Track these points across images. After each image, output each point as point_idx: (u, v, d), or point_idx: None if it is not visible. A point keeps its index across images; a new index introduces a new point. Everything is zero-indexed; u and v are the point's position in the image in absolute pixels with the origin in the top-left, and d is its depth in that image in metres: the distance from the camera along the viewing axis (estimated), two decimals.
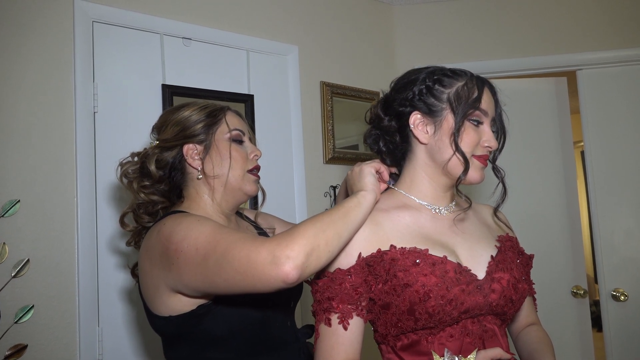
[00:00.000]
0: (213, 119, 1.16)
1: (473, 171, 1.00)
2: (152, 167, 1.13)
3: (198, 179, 1.15)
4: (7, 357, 1.38)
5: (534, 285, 1.12)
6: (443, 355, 0.91)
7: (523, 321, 1.14)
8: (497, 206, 1.10)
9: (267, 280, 0.84)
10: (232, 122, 1.18)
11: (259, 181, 1.22)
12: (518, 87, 2.53)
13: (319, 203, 2.17)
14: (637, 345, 2.26)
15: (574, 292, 2.39)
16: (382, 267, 0.93)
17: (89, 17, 1.62)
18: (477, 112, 0.99)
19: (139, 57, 1.73)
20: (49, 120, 1.52)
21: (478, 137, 1.00)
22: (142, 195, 1.14)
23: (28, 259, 1.45)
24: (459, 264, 0.95)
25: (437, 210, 1.04)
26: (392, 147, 1.09)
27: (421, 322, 0.91)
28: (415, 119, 1.02)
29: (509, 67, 2.48)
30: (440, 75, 1.01)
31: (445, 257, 0.95)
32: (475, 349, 0.92)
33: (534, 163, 2.49)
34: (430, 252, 0.95)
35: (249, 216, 1.35)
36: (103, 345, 1.55)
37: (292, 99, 2.13)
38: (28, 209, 1.46)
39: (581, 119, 2.41)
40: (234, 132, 1.17)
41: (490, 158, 1.05)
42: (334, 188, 2.23)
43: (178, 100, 1.72)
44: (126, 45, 1.71)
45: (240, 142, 1.19)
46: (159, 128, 1.19)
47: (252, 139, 1.24)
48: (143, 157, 1.15)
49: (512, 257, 1.03)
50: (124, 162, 1.17)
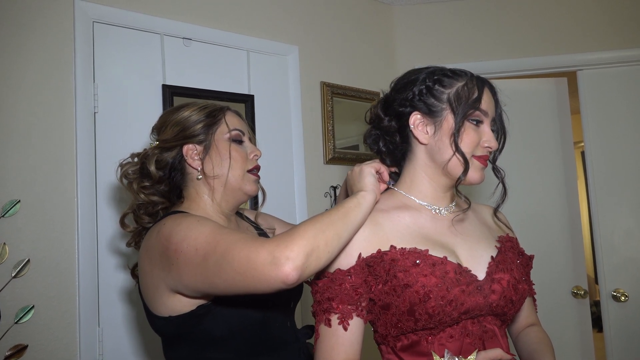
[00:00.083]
0: (213, 119, 1.16)
1: (473, 171, 0.99)
2: (152, 168, 1.13)
3: (198, 179, 1.15)
4: (8, 358, 1.38)
5: (534, 286, 1.12)
6: (443, 356, 0.91)
7: (523, 322, 1.13)
8: (497, 206, 1.10)
9: (267, 281, 0.84)
10: (231, 122, 1.18)
11: (259, 181, 1.22)
12: (518, 87, 2.53)
13: (319, 203, 2.17)
14: (638, 346, 2.26)
15: (574, 292, 2.39)
16: (382, 267, 0.93)
17: (89, 17, 1.62)
18: (477, 112, 0.98)
19: (140, 57, 1.73)
20: (49, 120, 1.52)
21: (478, 138, 1.00)
22: (142, 196, 1.14)
23: (28, 259, 1.45)
24: (459, 265, 0.95)
25: (437, 210, 1.04)
26: (392, 148, 1.09)
27: (421, 323, 0.91)
28: (415, 119, 1.02)
29: (509, 67, 2.48)
30: (440, 76, 1.01)
31: (446, 257, 0.95)
32: (476, 350, 0.92)
33: (534, 163, 2.49)
34: (430, 252, 0.95)
35: (249, 216, 1.35)
36: (103, 345, 1.55)
37: (292, 99, 2.13)
38: (28, 210, 1.46)
39: (581, 119, 2.41)
40: (234, 132, 1.17)
41: (491, 158, 1.05)
42: (335, 188, 2.23)
43: (178, 101, 1.72)
44: (126, 45, 1.71)
45: (240, 142, 1.19)
46: (158, 129, 1.19)
47: (252, 139, 1.24)
48: (143, 157, 1.15)
49: (512, 257, 1.03)
50: (123, 163, 1.17)
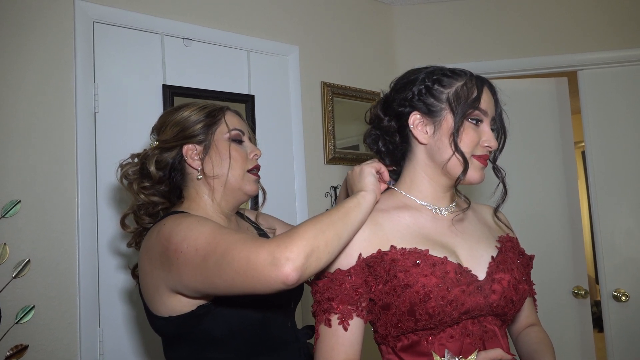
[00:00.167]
0: (212, 119, 1.16)
1: (473, 171, 0.99)
2: (152, 168, 1.12)
3: (198, 179, 1.15)
4: (8, 358, 1.38)
5: (534, 286, 1.12)
6: (443, 356, 0.91)
7: (523, 322, 1.13)
8: (498, 206, 1.09)
9: (267, 282, 0.84)
10: (231, 122, 1.18)
11: (259, 181, 1.21)
12: (518, 87, 2.53)
13: (320, 203, 2.17)
14: (638, 346, 2.26)
15: (574, 292, 2.39)
16: (382, 267, 0.93)
17: (89, 17, 1.62)
18: (476, 111, 0.98)
19: (140, 57, 1.73)
20: (49, 120, 1.52)
21: (478, 137, 0.99)
22: (143, 196, 1.14)
23: (29, 260, 1.45)
24: (460, 265, 0.95)
25: (437, 210, 1.04)
26: (392, 147, 1.09)
27: (421, 323, 0.91)
28: (415, 119, 1.02)
29: (509, 67, 2.48)
30: (440, 75, 1.01)
31: (446, 257, 0.95)
32: (476, 350, 0.92)
33: (535, 163, 2.48)
34: (430, 252, 0.95)
35: (250, 217, 1.35)
36: (104, 345, 1.55)
37: (292, 100, 2.13)
38: (28, 210, 1.46)
39: (582, 119, 2.41)
40: (234, 132, 1.17)
41: (491, 158, 1.05)
42: (335, 188, 2.22)
43: (179, 101, 1.72)
44: (127, 45, 1.71)
45: (239, 141, 1.19)
46: (158, 129, 1.19)
47: (252, 139, 1.24)
48: (143, 158, 1.15)
49: (512, 257, 1.03)
50: (124, 163, 1.17)
